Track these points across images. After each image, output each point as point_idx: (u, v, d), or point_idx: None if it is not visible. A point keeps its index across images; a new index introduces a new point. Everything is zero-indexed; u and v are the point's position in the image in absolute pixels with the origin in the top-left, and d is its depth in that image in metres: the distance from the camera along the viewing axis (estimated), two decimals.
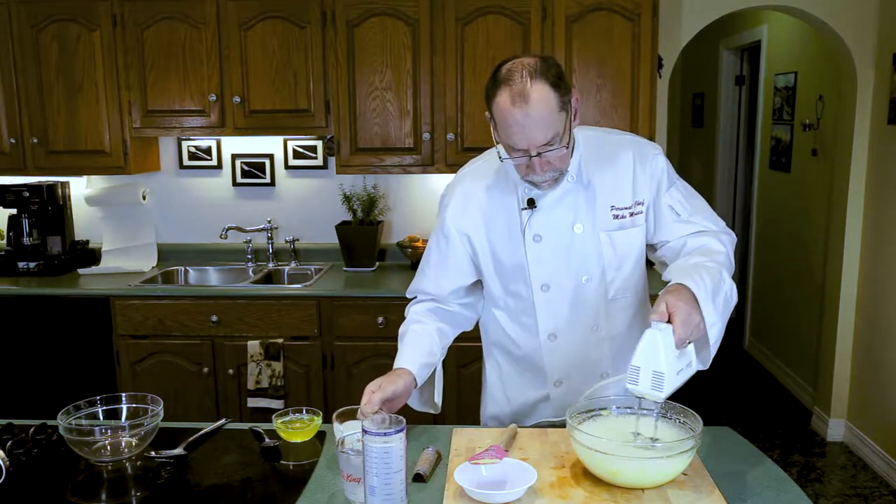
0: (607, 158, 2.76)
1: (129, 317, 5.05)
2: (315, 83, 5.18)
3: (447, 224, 2.86)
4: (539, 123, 2.43)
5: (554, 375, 2.86)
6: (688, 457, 2.20)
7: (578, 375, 2.84)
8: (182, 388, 5.10)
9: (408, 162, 5.20)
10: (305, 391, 5.05)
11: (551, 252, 2.74)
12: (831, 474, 5.70)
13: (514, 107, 2.41)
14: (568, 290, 2.77)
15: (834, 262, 6.19)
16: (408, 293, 3.05)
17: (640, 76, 5.00)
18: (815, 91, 6.85)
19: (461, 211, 2.84)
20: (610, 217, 2.73)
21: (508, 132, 2.47)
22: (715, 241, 2.72)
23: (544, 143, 2.45)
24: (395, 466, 2.09)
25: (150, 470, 2.47)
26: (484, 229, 2.82)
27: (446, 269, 2.91)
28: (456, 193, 2.88)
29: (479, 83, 5.03)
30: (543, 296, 2.78)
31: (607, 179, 2.74)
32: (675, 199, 2.80)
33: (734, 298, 2.53)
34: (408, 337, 2.88)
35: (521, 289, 2.82)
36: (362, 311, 4.95)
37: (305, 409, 2.76)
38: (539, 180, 2.58)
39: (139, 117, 5.31)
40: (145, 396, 2.72)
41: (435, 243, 2.93)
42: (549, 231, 2.73)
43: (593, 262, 2.75)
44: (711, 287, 2.40)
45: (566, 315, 2.78)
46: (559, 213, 2.72)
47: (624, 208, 2.74)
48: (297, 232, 5.88)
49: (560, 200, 2.71)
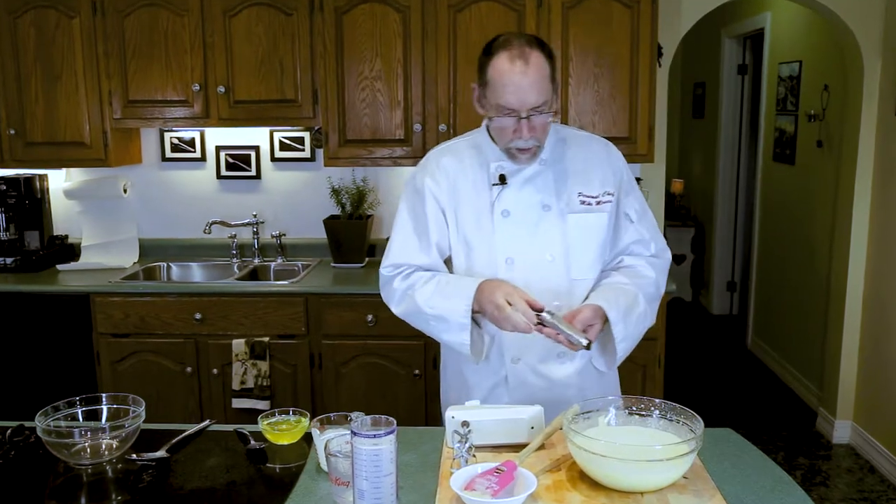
0: (579, 148, 3.02)
1: (110, 314, 5.04)
2: (302, 72, 5.17)
3: (427, 192, 2.98)
4: (534, 85, 2.68)
5: (511, 351, 2.94)
6: (688, 459, 2.20)
7: (536, 353, 2.94)
8: (164, 389, 5.09)
9: (398, 154, 5.20)
10: (292, 391, 5.05)
11: (518, 227, 2.91)
12: (837, 477, 5.71)
13: (512, 66, 2.67)
14: (532, 266, 2.90)
15: (840, 257, 6.20)
16: (386, 269, 3.05)
17: (639, 65, 5.00)
18: (820, 80, 6.85)
19: (436, 181, 2.98)
20: (577, 202, 2.93)
21: (503, 91, 2.70)
22: (645, 266, 3.03)
23: (536, 104, 2.70)
24: (385, 469, 2.09)
25: (131, 473, 2.47)
26: (455, 202, 2.96)
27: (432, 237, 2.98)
28: (431, 164, 3.03)
29: (472, 72, 4.97)
30: (508, 269, 2.90)
31: (577, 167, 2.97)
32: (631, 206, 3.05)
33: (649, 320, 2.95)
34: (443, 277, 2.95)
35: (485, 263, 2.93)
36: (351, 308, 4.95)
37: (292, 410, 2.75)
38: (522, 145, 2.78)
39: (120, 108, 5.30)
40: (126, 397, 2.72)
41: (421, 209, 3.00)
42: (518, 207, 2.91)
43: (558, 241, 2.91)
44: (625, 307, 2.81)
45: (529, 289, 2.82)
46: (529, 191, 2.92)
47: (591, 196, 2.95)
48: (283, 226, 5.87)
49: (530, 180, 2.91)
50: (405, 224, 3.03)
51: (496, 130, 2.84)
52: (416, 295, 2.90)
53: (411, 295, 2.92)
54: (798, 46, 7.42)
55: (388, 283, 3.03)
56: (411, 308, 2.93)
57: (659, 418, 2.45)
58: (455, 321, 2.79)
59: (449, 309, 2.80)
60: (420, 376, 4.96)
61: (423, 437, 2.71)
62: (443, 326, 2.85)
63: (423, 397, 5.00)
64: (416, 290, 2.91)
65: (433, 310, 2.84)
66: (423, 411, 5.02)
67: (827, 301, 6.52)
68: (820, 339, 6.75)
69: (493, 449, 2.50)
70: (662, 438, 2.37)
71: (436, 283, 2.89)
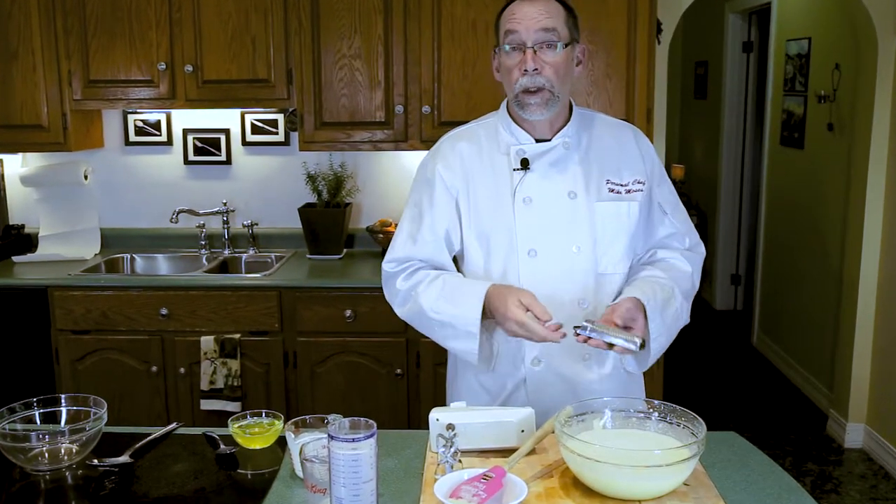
0: (606, 134, 2.99)
1: (70, 310, 5.03)
2: (276, 50, 5.16)
3: (438, 180, 2.95)
4: (542, 11, 2.75)
5: (532, 352, 2.90)
6: (689, 465, 2.21)
7: (558, 354, 2.90)
8: (128, 389, 5.08)
9: (379, 137, 5.19)
10: (265, 392, 5.05)
11: (541, 216, 2.86)
12: (849, 484, 5.73)
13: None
14: (556, 258, 2.87)
15: (852, 248, 6.22)
16: (389, 264, 3.02)
17: (637, 42, 4.99)
18: (830, 59, 6.87)
19: (449, 167, 2.95)
20: (606, 190, 2.90)
21: (509, 20, 2.78)
22: (680, 260, 3.04)
23: (542, 29, 2.75)
24: (365, 476, 2.09)
25: (92, 480, 2.47)
26: (470, 189, 2.93)
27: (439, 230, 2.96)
28: (444, 149, 3.00)
29: (457, 50, 5.03)
30: (530, 262, 2.86)
31: (605, 153, 2.94)
32: (664, 197, 3.04)
33: (684, 318, 2.94)
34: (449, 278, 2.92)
35: (505, 256, 2.89)
36: (328, 303, 4.95)
37: (265, 412, 2.75)
38: (528, 84, 2.77)
39: (80, 88, 5.28)
40: (87, 398, 2.72)
41: (429, 199, 2.98)
42: (542, 195, 2.87)
43: (585, 232, 2.87)
44: (662, 302, 2.78)
45: (553, 284, 2.84)
46: (553, 177, 2.88)
47: (619, 185, 2.92)
48: (255, 215, 5.86)
49: (555, 164, 2.88)
50: (412, 215, 3.01)
51: (504, 76, 2.84)
52: (420, 297, 2.88)
53: (415, 296, 2.90)
54: (807, 22, 7.44)
55: (391, 281, 3.01)
56: (415, 311, 2.91)
57: (658, 421, 2.45)
58: (463, 329, 2.77)
59: (456, 315, 2.78)
60: (402, 376, 4.96)
61: (406, 441, 2.71)
62: (449, 333, 2.82)
63: (405, 398, 5.01)
64: (421, 291, 2.89)
65: (439, 315, 2.82)
66: (405, 413, 5.02)
67: (838, 295, 6.54)
68: (831, 335, 6.78)
69: (480, 454, 2.51)
70: (662, 442, 2.37)
71: (441, 284, 2.86)
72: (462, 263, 3.02)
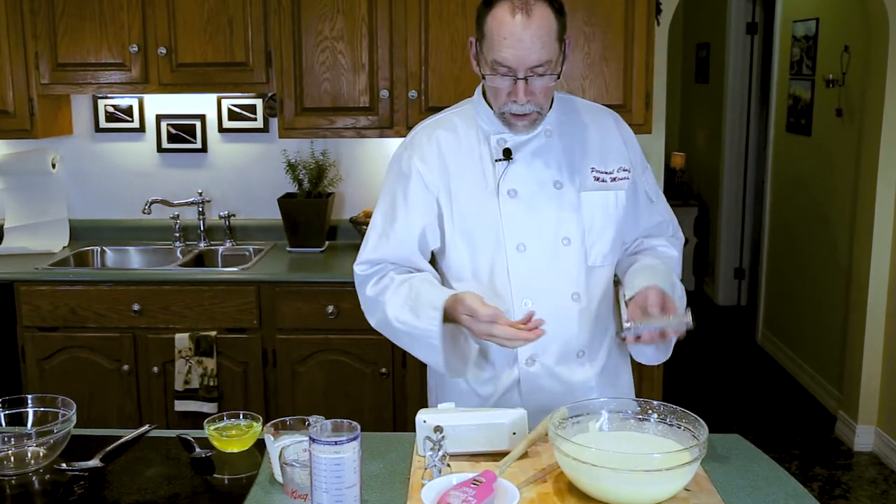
0: (587, 119, 3.00)
1: (36, 305, 5.02)
2: (254, 32, 5.15)
3: (415, 174, 2.93)
4: (535, 41, 2.63)
5: (526, 351, 2.89)
6: (690, 469, 2.21)
7: (553, 352, 2.90)
8: (98, 389, 5.08)
9: (363, 124, 5.19)
10: (243, 392, 5.05)
11: (528, 209, 2.87)
12: (859, 489, 5.74)
13: (513, 18, 2.62)
14: (546, 252, 2.87)
15: (862, 240, 6.23)
16: (360, 266, 2.99)
17: (636, 23, 4.99)
18: (839, 41, 6.88)
19: (427, 162, 2.93)
20: (591, 179, 2.92)
21: (500, 45, 2.65)
22: (667, 247, 3.12)
23: (536, 64, 2.65)
24: (348, 481, 2.09)
25: (60, 485, 2.47)
26: (451, 185, 2.91)
27: (415, 228, 2.92)
28: (420, 141, 2.98)
29: (446, 32, 5.02)
30: (519, 257, 2.86)
31: (589, 140, 2.95)
32: (649, 184, 3.10)
33: (685, 299, 2.97)
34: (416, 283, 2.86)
35: (492, 252, 2.89)
36: (309, 298, 4.95)
37: (243, 413, 2.75)
38: (518, 111, 2.74)
39: (48, 72, 5.27)
40: (55, 399, 2.72)
41: (403, 195, 2.95)
42: (527, 186, 2.87)
43: (573, 223, 2.89)
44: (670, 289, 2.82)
45: (544, 279, 2.85)
46: (537, 167, 2.88)
47: (604, 172, 2.94)
48: (232, 206, 5.85)
49: (538, 154, 2.88)
50: (385, 210, 2.98)
51: (490, 91, 2.81)
52: (386, 306, 2.85)
53: (382, 304, 2.87)
54: (814, 2, 7.44)
55: (362, 287, 2.98)
56: (382, 320, 2.89)
57: (657, 423, 2.46)
58: (425, 341, 2.73)
59: (417, 327, 2.74)
60: (387, 375, 4.97)
61: (391, 443, 2.71)
62: (413, 344, 2.80)
63: (390, 399, 5.01)
64: (387, 299, 2.86)
65: (403, 325, 2.79)
66: (390, 415, 5.02)
67: (847, 290, 6.56)
68: (839, 332, 6.79)
69: (469, 457, 2.51)
70: (661, 445, 2.38)
71: (406, 291, 2.82)
72: (442, 260, 3.01)
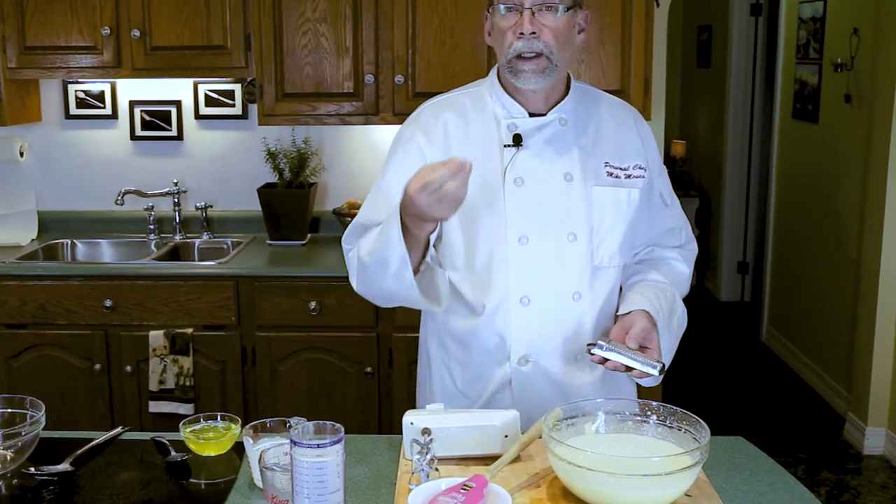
0: (605, 112, 2.99)
1: (4, 301, 5.01)
2: (232, 13, 5.14)
3: (415, 149, 2.92)
4: None
5: (520, 350, 2.89)
6: (691, 474, 2.21)
7: (548, 353, 2.89)
8: (68, 389, 5.07)
9: (346, 110, 5.18)
10: (220, 393, 5.05)
11: (534, 199, 2.85)
12: (868, 494, 5.76)
13: None
14: (550, 247, 2.85)
15: (872, 233, 6.23)
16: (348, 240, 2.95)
17: (633, 4, 4.99)
18: (848, 23, 6.88)
19: (431, 139, 2.92)
20: (604, 174, 2.89)
21: None
22: (679, 261, 3.15)
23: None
24: (331, 485, 2.10)
25: (28, 490, 2.47)
26: None
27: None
28: (426, 118, 2.97)
29: (434, 13, 5.01)
30: (520, 249, 2.84)
31: (604, 134, 2.94)
32: (665, 187, 3.11)
33: (684, 324, 3.01)
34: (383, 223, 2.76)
35: (492, 242, 2.87)
36: (290, 293, 4.95)
37: (220, 415, 2.75)
38: (523, 48, 2.72)
39: (15, 56, 5.25)
40: (23, 399, 2.71)
41: (396, 165, 2.93)
42: (535, 175, 2.85)
43: (581, 218, 2.86)
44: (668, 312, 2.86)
45: (545, 275, 2.84)
46: (548, 156, 2.86)
47: (619, 168, 2.92)
48: (210, 197, 5.84)
49: (550, 142, 2.86)
50: (378, 182, 2.97)
51: (497, 38, 2.80)
52: (360, 252, 2.80)
53: (358, 259, 2.81)
54: None
55: (348, 258, 2.93)
56: (361, 273, 2.81)
57: (657, 425, 2.46)
58: (393, 254, 2.59)
59: (383, 244, 2.62)
60: (372, 374, 4.97)
61: (377, 446, 2.72)
62: (384, 271, 2.66)
63: (375, 399, 5.01)
64: (360, 248, 2.81)
65: (372, 255, 2.70)
66: (375, 416, 5.03)
67: (856, 285, 6.56)
68: (848, 329, 6.80)
69: (459, 461, 2.51)
70: (661, 449, 2.38)
71: (373, 231, 2.77)
72: (439, 245, 2.97)
